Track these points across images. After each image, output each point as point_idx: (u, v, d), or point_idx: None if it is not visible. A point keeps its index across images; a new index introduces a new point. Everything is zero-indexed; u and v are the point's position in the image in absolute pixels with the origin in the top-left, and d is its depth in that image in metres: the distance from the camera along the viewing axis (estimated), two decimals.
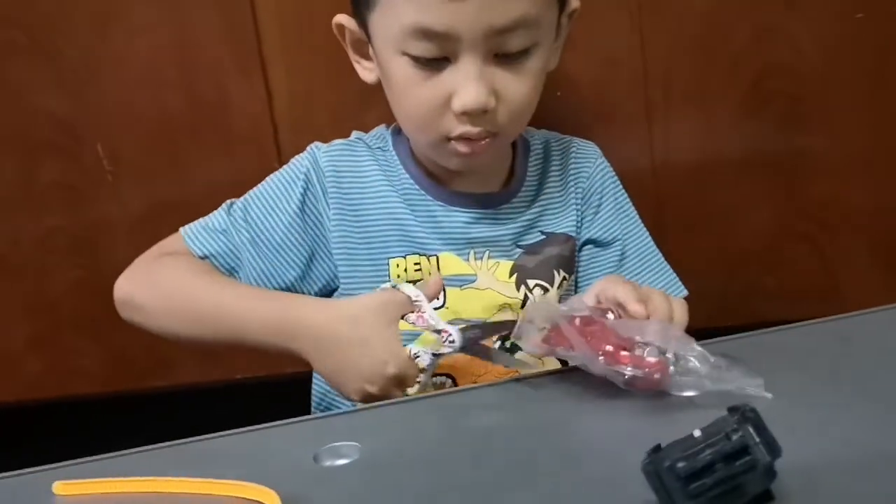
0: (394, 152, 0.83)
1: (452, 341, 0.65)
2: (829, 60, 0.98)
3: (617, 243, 0.85)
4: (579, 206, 0.85)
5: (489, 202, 0.82)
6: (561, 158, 0.87)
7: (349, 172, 0.81)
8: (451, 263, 0.79)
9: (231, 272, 0.80)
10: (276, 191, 0.81)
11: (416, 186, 0.81)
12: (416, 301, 0.68)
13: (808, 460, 0.48)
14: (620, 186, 0.87)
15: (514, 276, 0.81)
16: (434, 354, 0.66)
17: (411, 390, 0.66)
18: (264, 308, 0.72)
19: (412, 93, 0.73)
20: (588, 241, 0.85)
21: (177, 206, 1.01)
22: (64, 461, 0.57)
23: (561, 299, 0.82)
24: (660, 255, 0.86)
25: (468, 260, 0.80)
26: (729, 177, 1.03)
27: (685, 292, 0.85)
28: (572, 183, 0.85)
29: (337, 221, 0.79)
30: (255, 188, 0.82)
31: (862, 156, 1.01)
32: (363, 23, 0.76)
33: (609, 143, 1.00)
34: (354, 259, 0.80)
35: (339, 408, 0.81)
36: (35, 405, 1.06)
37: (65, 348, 1.04)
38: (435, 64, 0.71)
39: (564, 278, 0.83)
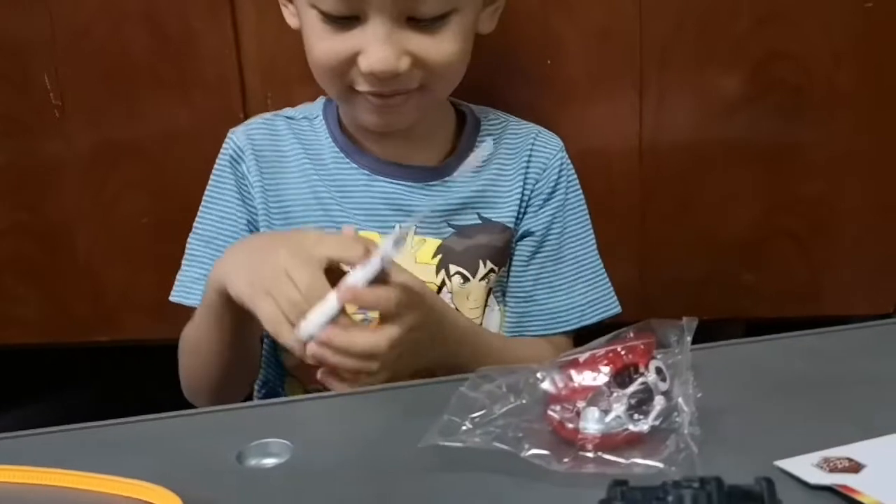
0: (322, 120, 0.81)
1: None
2: (834, 51, 0.92)
3: (552, 240, 0.81)
4: (524, 198, 0.81)
5: (421, 175, 0.78)
6: (517, 145, 0.82)
7: (268, 150, 0.80)
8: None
9: None
10: (215, 195, 0.80)
11: (342, 154, 0.79)
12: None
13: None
14: (577, 187, 0.83)
15: (438, 257, 0.77)
16: None
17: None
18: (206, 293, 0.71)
19: (320, 45, 0.72)
20: (526, 233, 0.81)
21: (129, 150, 0.96)
22: None
23: (490, 293, 0.80)
24: (600, 265, 0.83)
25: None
26: (718, 164, 0.98)
27: (617, 310, 0.82)
28: (522, 172, 0.81)
29: (261, 201, 0.78)
30: (200, 207, 0.80)
31: (859, 155, 0.96)
32: None
33: (597, 117, 0.96)
34: None
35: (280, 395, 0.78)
36: None
37: (2, 294, 0.99)
38: (344, 21, 0.69)
39: (492, 270, 0.79)
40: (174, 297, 0.79)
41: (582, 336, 0.80)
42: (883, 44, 0.92)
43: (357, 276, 0.59)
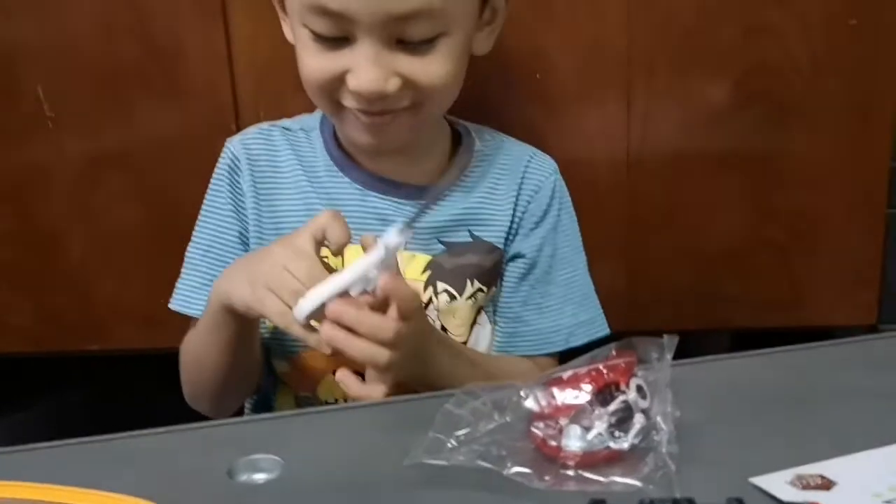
0: (318, 133, 0.82)
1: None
2: (817, 65, 0.93)
3: (542, 263, 0.82)
4: (514, 220, 0.81)
5: (413, 192, 0.79)
6: (510, 166, 0.83)
7: (263, 161, 0.81)
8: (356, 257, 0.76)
9: None
10: (212, 205, 0.81)
11: (336, 168, 0.80)
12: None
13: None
14: (570, 210, 0.84)
15: (427, 273, 0.78)
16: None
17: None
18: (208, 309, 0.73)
19: (311, 62, 0.72)
20: (517, 255, 0.82)
21: (121, 160, 0.96)
22: None
23: (481, 312, 0.81)
24: (590, 288, 0.84)
25: None
26: (704, 174, 0.99)
27: (605, 332, 0.83)
28: (514, 193, 0.82)
29: (253, 212, 0.79)
30: (199, 215, 0.81)
31: (841, 167, 0.97)
32: None
33: (585, 128, 0.97)
34: None
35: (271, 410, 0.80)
36: None
37: None
38: (334, 41, 0.70)
39: (479, 289, 0.80)
40: (173, 306, 0.80)
41: (566, 353, 0.81)
42: (865, 58, 0.94)
43: (364, 261, 0.60)
